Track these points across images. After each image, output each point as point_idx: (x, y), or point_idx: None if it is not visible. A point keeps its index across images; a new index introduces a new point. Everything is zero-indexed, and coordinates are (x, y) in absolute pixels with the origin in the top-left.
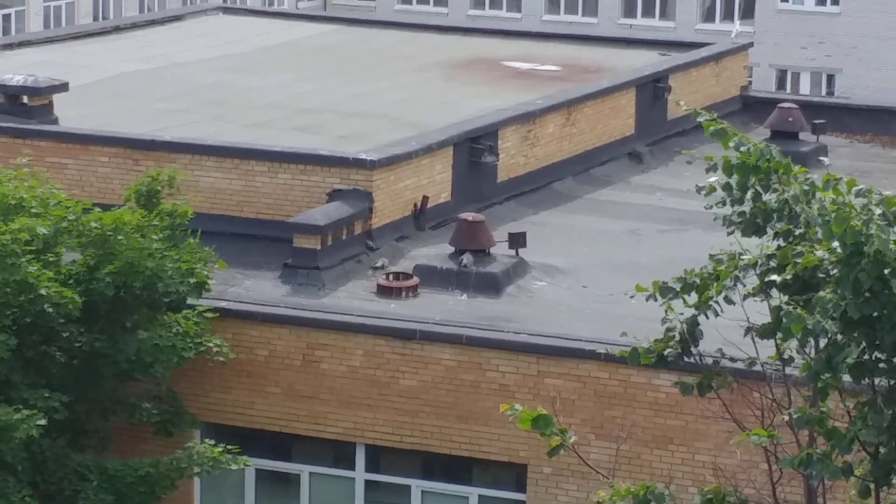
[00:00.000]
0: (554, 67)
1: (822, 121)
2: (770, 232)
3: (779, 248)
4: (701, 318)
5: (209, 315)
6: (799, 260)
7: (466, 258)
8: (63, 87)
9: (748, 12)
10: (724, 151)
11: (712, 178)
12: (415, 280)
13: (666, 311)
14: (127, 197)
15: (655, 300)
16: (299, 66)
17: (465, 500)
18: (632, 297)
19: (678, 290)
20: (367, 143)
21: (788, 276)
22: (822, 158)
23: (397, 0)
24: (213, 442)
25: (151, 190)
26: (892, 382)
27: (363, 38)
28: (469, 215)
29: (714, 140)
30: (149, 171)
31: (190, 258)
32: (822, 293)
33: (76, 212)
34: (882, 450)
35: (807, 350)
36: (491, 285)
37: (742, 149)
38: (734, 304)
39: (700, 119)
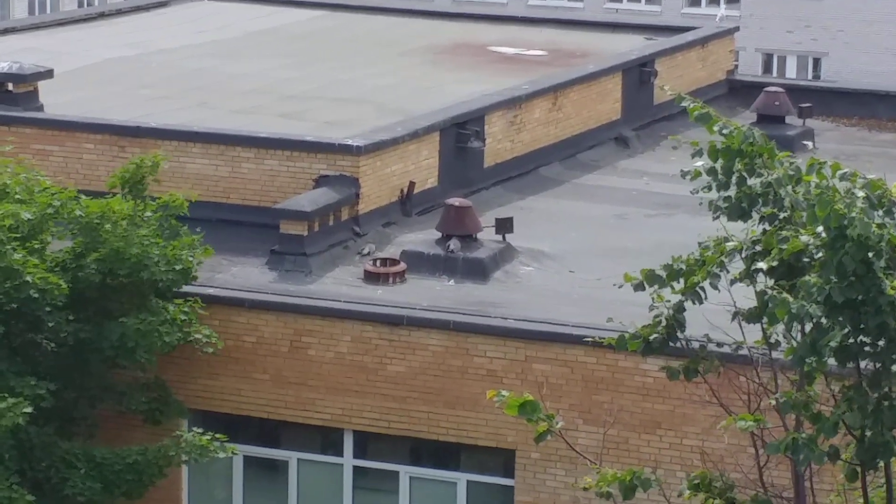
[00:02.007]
0: (540, 52)
1: (808, 104)
2: (755, 216)
3: (764, 232)
4: (687, 304)
5: (199, 309)
6: (784, 245)
7: (453, 244)
8: (48, 73)
9: None
10: (710, 136)
11: (698, 163)
12: (402, 266)
13: (653, 299)
14: (111, 184)
15: (643, 289)
16: (285, 53)
17: (454, 485)
18: (620, 286)
19: (664, 277)
20: (353, 128)
21: (774, 262)
22: (805, 143)
23: None
24: (200, 430)
25: (136, 176)
26: (876, 366)
27: (348, 23)
28: (456, 201)
29: (699, 123)
30: (133, 157)
31: (177, 245)
32: (806, 277)
33: (62, 198)
34: (867, 433)
35: (793, 334)
36: (478, 271)
37: (725, 132)
38: (718, 290)
39: (684, 104)
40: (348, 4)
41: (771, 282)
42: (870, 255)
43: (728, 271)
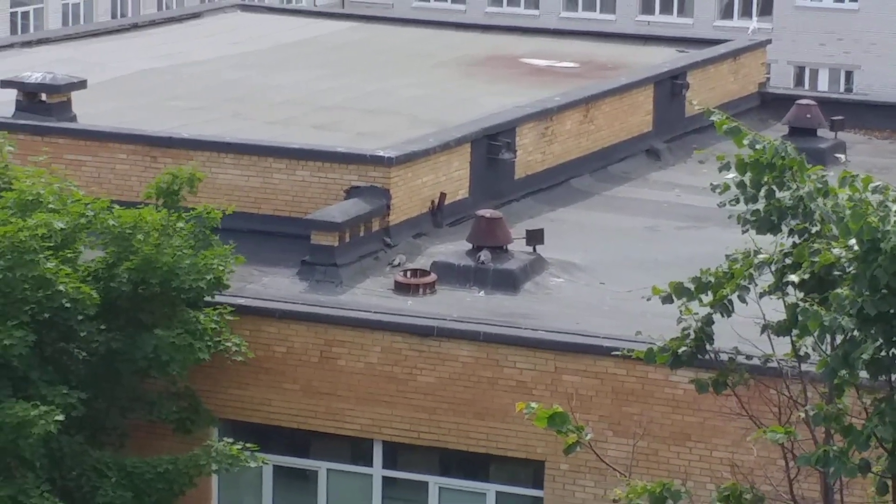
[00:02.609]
0: (572, 64)
1: (840, 117)
2: (785, 229)
3: (794, 245)
4: (716, 317)
5: (229, 316)
6: (816, 258)
7: (484, 255)
8: (81, 84)
9: (766, 9)
10: (739, 149)
11: (729, 176)
12: (432, 277)
13: (681, 312)
14: (147, 194)
15: (671, 302)
16: (317, 64)
17: (483, 496)
18: (648, 299)
19: (693, 290)
20: (384, 140)
21: (805, 275)
22: (838, 155)
23: None
24: (231, 440)
25: (172, 187)
26: None
27: (381, 35)
28: (487, 212)
29: (728, 137)
30: (169, 168)
31: (209, 255)
32: (838, 290)
33: (94, 208)
34: None
35: (823, 347)
36: (508, 282)
37: (757, 146)
38: (746, 303)
39: (713, 118)
40: (381, 16)
41: (801, 295)
42: None
43: (756, 284)
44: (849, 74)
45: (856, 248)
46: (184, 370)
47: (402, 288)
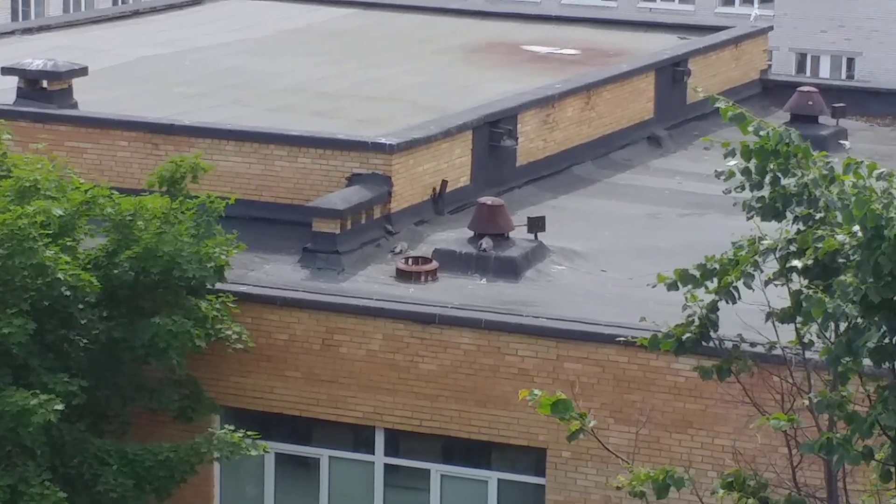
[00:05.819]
0: (573, 51)
1: (842, 104)
2: (790, 216)
3: (798, 232)
4: (721, 304)
5: (231, 305)
6: (819, 245)
7: (486, 242)
8: (82, 71)
9: None
10: (743, 136)
11: (732, 163)
12: (434, 264)
13: (686, 299)
14: (150, 182)
15: (677, 289)
16: (318, 51)
17: (485, 484)
18: (653, 286)
19: (698, 277)
20: (386, 127)
21: (809, 261)
22: (842, 142)
23: None
24: (232, 427)
25: (175, 176)
26: None
27: (382, 21)
28: (488, 199)
29: (733, 124)
30: (173, 156)
31: (211, 243)
32: (842, 277)
33: (94, 195)
34: None
35: (827, 334)
36: (510, 269)
37: (761, 133)
38: (753, 290)
39: (717, 105)
40: (381, 2)
41: (805, 282)
42: None
43: (762, 271)
44: (850, 61)
45: (860, 234)
46: (181, 357)
47: (403, 275)
